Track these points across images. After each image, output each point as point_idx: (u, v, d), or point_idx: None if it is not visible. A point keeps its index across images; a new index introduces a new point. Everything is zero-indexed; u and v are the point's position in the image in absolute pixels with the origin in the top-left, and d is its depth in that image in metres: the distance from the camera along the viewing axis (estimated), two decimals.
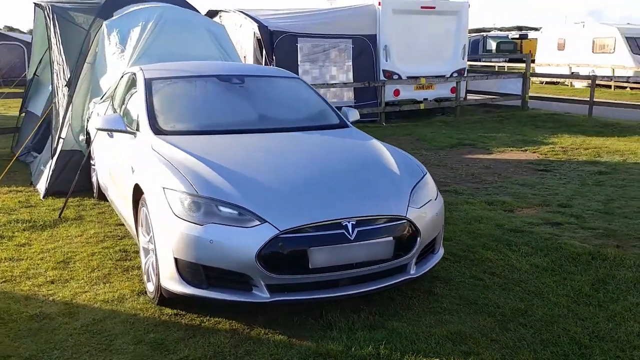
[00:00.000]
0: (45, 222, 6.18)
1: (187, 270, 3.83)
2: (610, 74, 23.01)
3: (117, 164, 5.35)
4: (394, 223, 4.02)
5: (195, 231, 3.75)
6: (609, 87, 23.11)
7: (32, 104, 9.55)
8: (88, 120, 7.24)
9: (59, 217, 6.24)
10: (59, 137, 7.32)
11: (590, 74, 22.86)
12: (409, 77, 14.14)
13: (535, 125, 13.22)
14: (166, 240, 3.85)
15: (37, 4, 8.50)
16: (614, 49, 23.97)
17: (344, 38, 13.55)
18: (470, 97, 15.50)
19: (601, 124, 13.07)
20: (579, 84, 24.87)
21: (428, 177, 4.59)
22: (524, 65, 17.57)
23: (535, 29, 51.83)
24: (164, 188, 3.97)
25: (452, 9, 14.71)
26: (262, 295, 3.76)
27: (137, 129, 4.99)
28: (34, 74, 9.52)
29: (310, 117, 5.46)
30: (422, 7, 14.28)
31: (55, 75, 7.64)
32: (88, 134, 7.28)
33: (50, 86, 8.89)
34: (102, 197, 6.85)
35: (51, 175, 7.24)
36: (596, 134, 12.03)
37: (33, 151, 9.06)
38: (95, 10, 7.90)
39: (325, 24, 13.46)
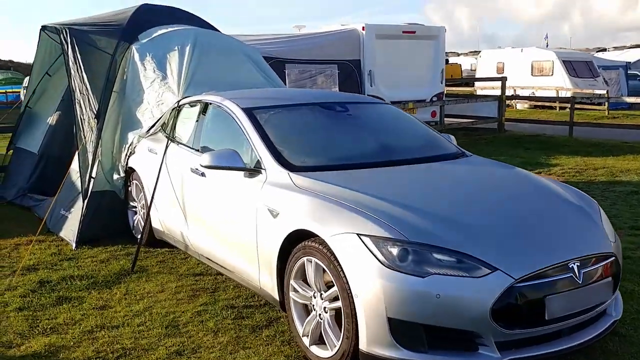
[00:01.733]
0: (104, 277, 5.29)
1: (403, 331, 3.21)
2: (550, 94, 23.93)
3: (221, 207, 4.62)
4: (608, 260, 3.61)
5: (418, 285, 3.16)
6: (553, 108, 24.04)
7: (24, 140, 8.43)
8: (128, 156, 6.36)
9: (132, 269, 5.33)
10: (90, 177, 6.38)
11: (531, 95, 23.84)
12: (392, 102, 13.90)
13: (524, 147, 13.31)
14: (374, 296, 3.22)
15: (48, 26, 7.52)
16: (552, 71, 25.06)
17: (330, 63, 13.18)
18: (447, 120, 15.51)
19: (587, 144, 13.36)
20: (521, 105, 25.81)
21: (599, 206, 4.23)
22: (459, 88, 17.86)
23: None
24: (359, 235, 3.34)
25: (430, 33, 14.75)
26: (492, 355, 3.21)
27: (259, 166, 4.31)
28: (26, 105, 8.42)
29: (429, 146, 4.97)
30: (403, 32, 14.22)
31: (78, 106, 6.70)
32: (128, 171, 6.40)
33: (51, 118, 7.92)
34: (154, 243, 6.01)
35: (82, 221, 6.27)
36: (588, 154, 12.23)
37: (31, 193, 7.95)
38: (118, 33, 7.05)
39: (311, 50, 13.06)
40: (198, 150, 5.19)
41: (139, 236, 6.21)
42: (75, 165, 6.87)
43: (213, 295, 4.83)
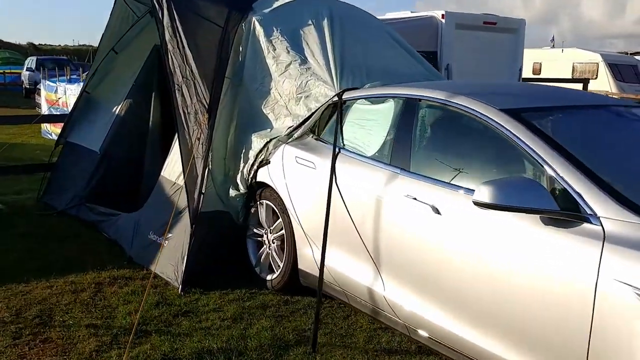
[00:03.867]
0: (258, 353, 3.55)
1: None
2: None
3: (487, 269, 2.90)
4: None
5: None
6: None
7: (80, 134, 6.61)
8: (257, 167, 4.61)
9: (313, 349, 3.57)
10: (200, 192, 4.62)
11: None
12: None
13: None
14: None
15: None
16: (597, 74, 23.57)
17: None
18: None
19: None
20: None
21: None
22: None
23: None
24: None
25: (511, 26, 13.07)
26: None
27: (580, 210, 2.61)
28: (84, 90, 6.59)
29: None
30: (484, 23, 12.52)
31: (179, 94, 4.93)
32: (254, 186, 4.66)
33: (118, 108, 6.14)
34: (290, 288, 4.32)
35: (189, 253, 4.52)
36: None
37: (90, 203, 6.16)
38: (226, 0, 5.29)
39: None
40: (406, 171, 3.48)
41: (270, 278, 4.49)
42: (168, 174, 5.10)
43: None
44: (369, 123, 3.96)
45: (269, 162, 4.51)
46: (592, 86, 23.45)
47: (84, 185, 6.27)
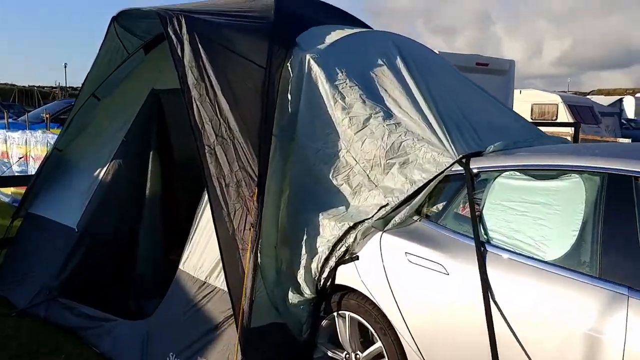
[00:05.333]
0: None
1: None
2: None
3: None
4: None
5: None
6: None
7: (48, 204, 5.04)
8: (336, 263, 3.25)
9: None
10: (251, 300, 3.22)
11: None
12: None
13: None
14: None
15: (129, 13, 4.31)
16: (557, 116, 23.47)
17: None
18: None
19: None
20: None
21: None
22: None
23: None
24: None
25: (502, 67, 12.38)
26: None
27: None
28: (54, 147, 5.04)
29: None
30: (477, 64, 11.73)
31: (213, 159, 3.55)
32: (329, 290, 3.29)
33: (102, 171, 4.70)
34: None
35: None
36: None
37: (64, 298, 4.60)
38: (265, 32, 3.99)
39: None
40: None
41: None
42: (192, 268, 3.69)
43: None
44: (533, 208, 2.70)
45: (357, 258, 3.16)
46: (552, 127, 23.32)
47: (56, 273, 4.69)
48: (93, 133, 4.98)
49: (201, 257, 3.66)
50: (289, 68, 3.86)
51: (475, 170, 2.99)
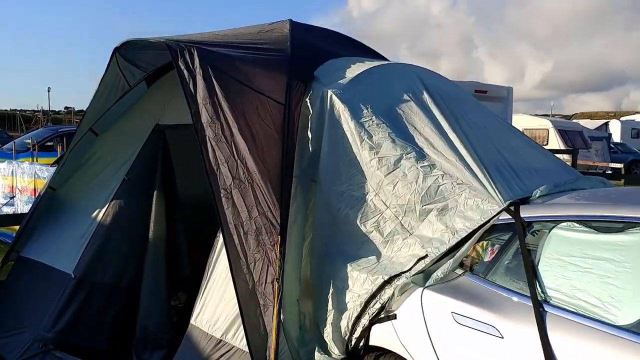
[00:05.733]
0: None
1: None
2: None
3: None
4: None
5: None
6: None
7: (42, 247, 4.67)
8: (364, 320, 2.95)
9: None
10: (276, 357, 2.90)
11: None
12: None
13: None
14: None
15: (134, 43, 4.02)
16: (547, 141, 23.47)
17: None
18: None
19: None
20: None
21: None
22: None
23: None
24: None
25: (500, 94, 12.29)
26: None
27: None
28: (48, 186, 4.70)
29: None
30: (475, 91, 11.59)
31: (227, 204, 3.25)
32: (361, 351, 2.98)
33: (101, 213, 4.38)
34: None
35: None
36: None
37: (61, 350, 4.24)
38: (283, 65, 3.73)
39: None
40: None
41: None
42: (206, 324, 3.36)
43: None
44: (599, 265, 2.43)
45: (394, 317, 2.85)
46: None
47: (50, 323, 4.32)
48: (91, 171, 4.65)
49: (216, 311, 3.34)
50: (308, 104, 3.59)
51: (526, 220, 2.71)
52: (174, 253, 4.50)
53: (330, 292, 3.13)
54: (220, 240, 3.47)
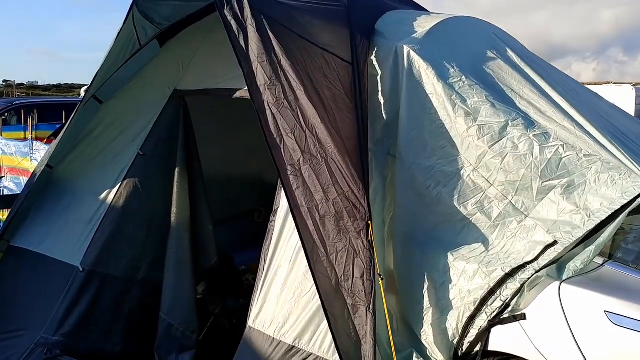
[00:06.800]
0: None
1: None
2: None
3: None
4: None
5: None
6: None
7: (39, 236, 3.97)
8: (480, 320, 2.45)
9: None
10: None
11: None
12: None
13: None
14: None
15: None
16: None
17: None
18: None
19: None
20: None
21: None
22: None
23: None
24: None
25: None
26: None
27: None
28: (46, 164, 3.97)
29: None
30: None
31: (297, 183, 2.68)
32: (480, 356, 2.49)
33: (111, 194, 3.75)
34: None
35: None
36: None
37: (66, 356, 3.62)
38: (338, 16, 3.15)
39: None
40: None
41: None
42: (269, 326, 2.80)
43: None
44: None
45: (523, 317, 2.36)
46: None
47: (55, 325, 3.69)
48: (95, 145, 3.96)
49: (281, 312, 2.79)
50: (375, 63, 3.03)
51: None
52: (199, 239, 3.88)
53: (426, 286, 2.62)
54: (276, 226, 2.93)
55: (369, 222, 2.52)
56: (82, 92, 26.33)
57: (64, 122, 6.32)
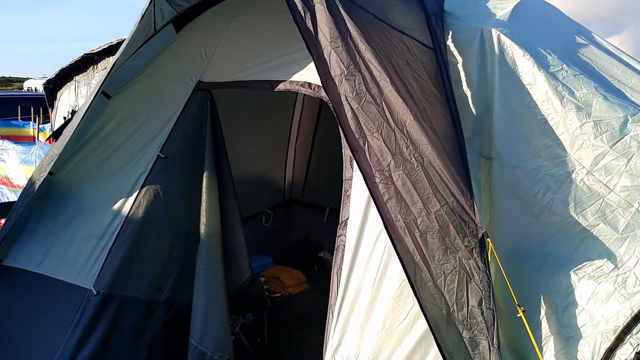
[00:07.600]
0: None
1: None
2: None
3: None
4: None
5: None
6: None
7: (40, 253, 3.39)
8: (625, 348, 2.08)
9: None
10: None
11: None
12: None
13: None
14: None
15: None
16: None
17: None
18: None
19: None
20: None
21: None
22: None
23: None
24: None
25: None
26: None
27: None
28: (49, 170, 3.37)
29: None
30: None
31: (389, 193, 2.25)
32: None
33: (126, 204, 3.24)
34: None
35: None
36: None
37: None
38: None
39: None
40: None
41: None
42: (351, 358, 2.36)
43: None
44: None
45: None
46: None
47: (66, 358, 3.14)
48: (104, 147, 3.40)
49: (368, 344, 2.35)
50: (452, 48, 2.62)
51: None
52: (231, 253, 3.40)
53: (543, 311, 2.24)
54: (348, 241, 2.49)
55: (486, 238, 2.11)
56: (25, 86, 24.68)
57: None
